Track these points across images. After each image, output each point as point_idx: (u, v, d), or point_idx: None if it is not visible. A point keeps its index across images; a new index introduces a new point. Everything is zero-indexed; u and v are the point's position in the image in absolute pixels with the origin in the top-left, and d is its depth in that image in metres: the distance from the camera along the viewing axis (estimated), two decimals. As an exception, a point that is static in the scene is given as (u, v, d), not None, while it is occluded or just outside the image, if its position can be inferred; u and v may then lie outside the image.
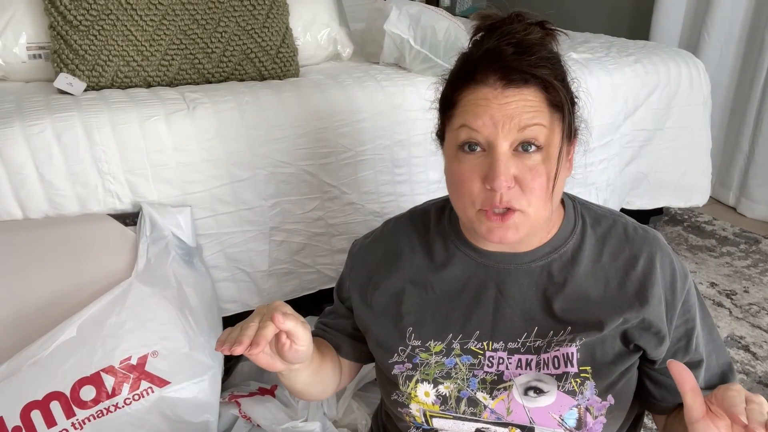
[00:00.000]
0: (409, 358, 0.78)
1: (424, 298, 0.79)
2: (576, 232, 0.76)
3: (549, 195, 0.69)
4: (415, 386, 0.77)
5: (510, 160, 0.67)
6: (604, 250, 0.75)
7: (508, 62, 0.67)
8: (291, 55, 1.45)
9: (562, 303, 0.74)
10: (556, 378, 0.71)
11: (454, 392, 0.75)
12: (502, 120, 0.67)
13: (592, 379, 0.71)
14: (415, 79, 1.42)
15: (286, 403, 1.22)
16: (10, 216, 1.09)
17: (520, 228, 0.69)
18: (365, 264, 0.85)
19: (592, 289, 0.73)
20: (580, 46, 1.85)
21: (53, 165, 1.09)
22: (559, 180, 0.69)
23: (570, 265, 0.75)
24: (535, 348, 0.74)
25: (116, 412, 0.99)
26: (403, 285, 0.81)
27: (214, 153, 1.20)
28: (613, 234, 0.76)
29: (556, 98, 0.68)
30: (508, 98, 0.67)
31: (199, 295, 1.10)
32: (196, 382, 1.06)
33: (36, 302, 1.03)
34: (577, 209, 0.78)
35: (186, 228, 1.16)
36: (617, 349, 0.72)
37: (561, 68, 0.71)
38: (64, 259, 1.06)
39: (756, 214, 2.37)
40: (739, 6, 2.32)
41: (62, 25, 1.27)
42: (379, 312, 0.82)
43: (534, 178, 0.67)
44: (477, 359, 0.76)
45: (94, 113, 1.13)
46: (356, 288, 0.85)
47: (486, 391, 0.74)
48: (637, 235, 0.75)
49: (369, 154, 1.34)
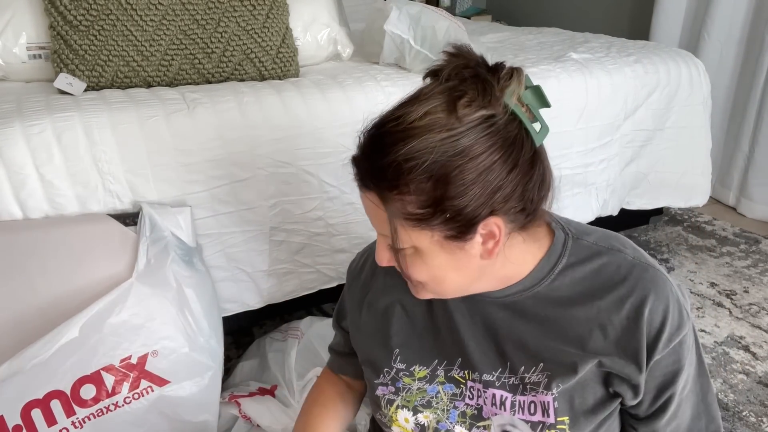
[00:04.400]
0: (393, 381, 0.77)
1: (412, 319, 0.78)
2: (555, 271, 0.70)
3: (445, 276, 0.66)
4: (396, 411, 0.76)
5: (386, 251, 0.68)
6: (589, 291, 0.69)
7: (358, 162, 0.64)
8: (291, 55, 1.45)
9: (534, 340, 0.70)
10: (531, 426, 0.69)
11: (433, 423, 0.74)
12: (368, 216, 0.67)
13: (568, 430, 0.68)
14: (415, 79, 1.42)
15: (285, 403, 1.22)
16: (10, 216, 1.09)
17: (425, 292, 0.71)
18: (359, 281, 0.85)
19: (568, 329, 0.68)
20: (580, 46, 1.85)
21: (53, 165, 1.09)
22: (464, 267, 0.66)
23: (545, 304, 0.70)
24: (510, 386, 0.71)
25: (116, 410, 0.99)
26: (392, 304, 0.79)
27: (214, 153, 1.20)
28: (603, 273, 0.69)
29: (408, 207, 0.61)
30: (363, 199, 0.66)
31: (199, 295, 1.10)
32: (195, 382, 1.06)
33: (36, 302, 1.03)
34: (567, 245, 0.71)
35: (186, 228, 1.16)
36: (598, 395, 0.69)
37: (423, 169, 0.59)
38: (64, 259, 1.06)
39: (756, 214, 2.37)
40: (739, 6, 2.32)
41: (62, 25, 1.27)
42: (370, 330, 0.81)
43: (409, 267, 0.66)
44: (459, 389, 0.74)
45: (94, 113, 1.13)
46: (353, 305, 0.85)
47: (465, 425, 0.73)
48: (632, 274, 0.67)
49: (369, 154, 1.34)
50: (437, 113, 0.59)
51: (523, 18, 3.51)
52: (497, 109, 0.60)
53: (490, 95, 0.59)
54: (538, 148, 0.63)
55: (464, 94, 0.59)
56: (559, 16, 3.29)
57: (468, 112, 0.59)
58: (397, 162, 0.59)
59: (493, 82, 0.60)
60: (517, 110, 0.60)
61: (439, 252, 0.64)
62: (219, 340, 1.14)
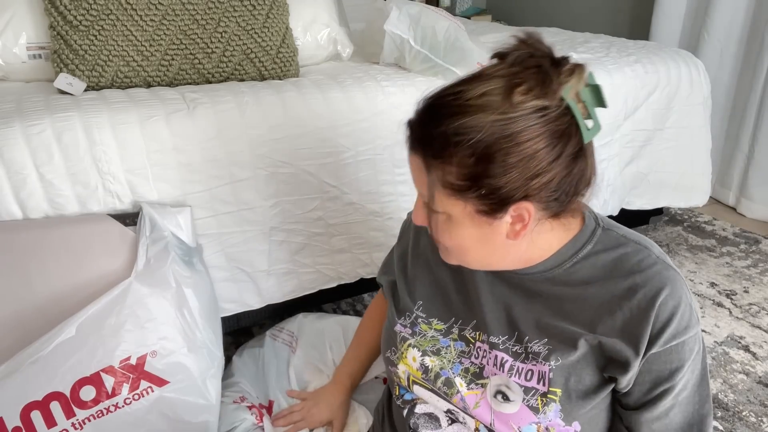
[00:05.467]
0: (412, 324, 0.85)
1: (437, 278, 0.85)
2: (579, 256, 0.73)
3: (468, 247, 0.71)
4: (407, 349, 0.83)
5: (422, 207, 0.73)
6: (605, 275, 0.71)
7: (414, 125, 0.68)
8: (291, 55, 1.45)
9: (544, 318, 0.74)
10: (524, 391, 0.73)
11: (436, 368, 0.80)
12: (411, 175, 0.72)
13: (558, 402, 0.71)
14: (415, 79, 1.42)
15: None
16: (10, 216, 1.09)
17: (446, 256, 0.76)
18: (407, 234, 0.94)
19: (578, 308, 0.71)
20: (580, 46, 1.85)
21: (53, 165, 1.09)
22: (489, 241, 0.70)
23: (561, 285, 0.73)
24: (513, 352, 0.76)
25: (116, 412, 0.99)
26: (424, 262, 0.87)
27: (215, 153, 1.20)
28: (624, 261, 0.71)
29: (449, 177, 0.65)
30: (410, 158, 0.71)
31: (198, 296, 1.10)
32: (195, 382, 1.06)
33: (36, 302, 1.03)
34: (595, 234, 0.74)
35: (186, 228, 1.16)
36: (594, 379, 0.71)
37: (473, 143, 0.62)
38: (64, 259, 1.06)
39: (756, 214, 2.37)
40: (739, 6, 2.32)
41: (62, 25, 1.27)
42: (406, 276, 0.89)
43: (436, 231, 0.72)
44: (468, 348, 0.80)
45: (94, 113, 1.13)
46: (398, 255, 0.94)
47: (465, 380, 0.78)
48: (651, 268, 0.69)
49: (369, 154, 1.34)
50: (493, 95, 0.62)
51: (523, 18, 3.51)
52: (552, 101, 0.62)
53: (548, 88, 0.62)
54: (585, 145, 0.66)
55: (523, 82, 0.62)
56: (559, 16, 3.28)
57: (523, 100, 0.61)
58: (447, 134, 0.63)
59: (553, 76, 0.62)
60: (572, 105, 0.63)
61: (469, 223, 0.68)
62: (218, 340, 1.14)
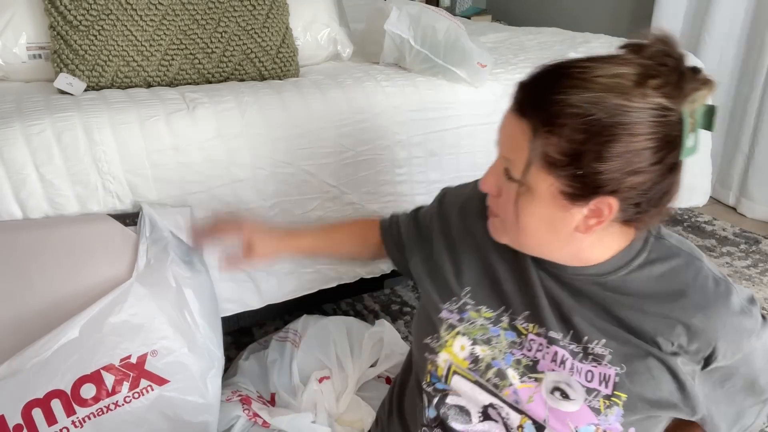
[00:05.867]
0: (460, 310, 0.81)
1: (487, 264, 0.82)
2: (634, 264, 0.73)
3: (530, 226, 0.70)
4: (455, 337, 0.79)
5: (496, 176, 0.71)
6: (665, 290, 0.71)
7: (531, 87, 0.66)
8: (291, 55, 1.45)
9: (598, 321, 0.73)
10: (586, 391, 0.71)
11: (488, 358, 0.76)
12: (499, 140, 0.71)
13: (621, 407, 0.69)
14: (415, 79, 1.42)
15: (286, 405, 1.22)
16: (10, 216, 1.09)
17: (498, 232, 0.75)
18: (450, 211, 0.90)
19: (636, 320, 0.71)
20: (580, 46, 1.85)
21: (53, 165, 1.09)
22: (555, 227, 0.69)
23: (614, 292, 0.73)
24: (571, 351, 0.73)
25: (116, 410, 0.99)
26: (475, 242, 0.84)
27: (214, 153, 1.20)
28: (681, 275, 0.72)
29: (548, 147, 0.63)
30: (507, 122, 0.69)
31: (198, 296, 1.10)
32: (195, 382, 1.06)
33: (35, 302, 1.03)
34: (648, 242, 0.74)
35: (186, 228, 1.16)
36: (663, 393, 0.70)
37: (598, 125, 0.61)
38: (64, 259, 1.06)
39: (756, 214, 2.37)
40: (739, 6, 2.32)
41: (62, 25, 1.27)
42: (453, 257, 0.85)
43: (504, 201, 0.70)
44: (520, 339, 0.77)
45: (94, 113, 1.13)
46: (441, 231, 0.89)
47: (518, 372, 0.75)
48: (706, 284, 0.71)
49: (369, 154, 1.34)
50: (625, 80, 0.61)
51: (523, 18, 3.51)
52: (676, 105, 0.62)
53: (679, 91, 0.61)
54: (678, 161, 0.65)
55: (658, 76, 0.61)
56: (559, 16, 3.29)
57: (653, 94, 0.61)
58: (565, 104, 0.61)
59: (688, 81, 0.62)
60: (685, 117, 0.62)
61: (547, 203, 0.66)
62: (218, 340, 1.14)
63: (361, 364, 1.33)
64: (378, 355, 1.37)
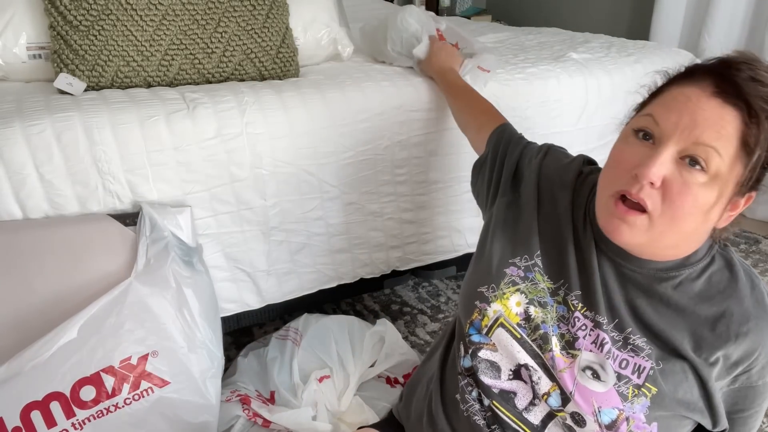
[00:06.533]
0: (526, 269, 0.81)
1: (560, 236, 0.82)
2: (699, 265, 0.74)
3: (687, 220, 0.66)
4: (514, 292, 0.79)
5: (670, 163, 0.66)
6: (720, 298, 0.73)
7: (732, 75, 0.65)
8: (291, 55, 1.45)
9: (646, 314, 0.74)
10: (618, 377, 0.72)
11: (539, 319, 0.77)
12: (686, 124, 0.65)
13: (649, 399, 0.70)
14: (414, 79, 1.42)
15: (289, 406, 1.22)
16: (10, 216, 1.09)
17: (636, 232, 0.68)
18: (552, 169, 0.89)
19: (684, 323, 0.72)
20: (580, 46, 1.85)
21: (53, 165, 1.09)
22: (703, 223, 0.68)
23: (674, 290, 0.74)
24: (612, 338, 0.74)
25: (116, 412, 0.99)
26: (556, 214, 0.84)
27: (214, 153, 1.20)
28: (737, 285, 0.73)
29: (751, 137, 0.63)
30: (706, 106, 0.64)
31: (198, 296, 1.10)
32: (195, 383, 1.06)
33: (36, 302, 1.03)
34: (713, 248, 0.75)
35: (186, 228, 1.16)
36: (691, 393, 0.71)
37: None
38: (63, 259, 1.06)
39: (756, 214, 2.37)
40: (739, 6, 2.32)
41: (62, 25, 1.27)
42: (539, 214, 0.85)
43: (681, 193, 0.65)
44: (568, 314, 0.77)
45: (94, 113, 1.13)
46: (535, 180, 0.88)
47: (561, 343, 0.76)
48: (765, 303, 0.73)
49: (369, 154, 1.34)
50: None
51: (523, 18, 3.51)
52: None
53: None
54: None
55: None
56: (559, 16, 3.28)
57: None
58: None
59: None
60: None
61: (719, 194, 0.66)
62: (218, 340, 1.14)
63: (363, 363, 1.33)
64: (378, 354, 1.38)
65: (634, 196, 0.67)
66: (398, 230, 1.46)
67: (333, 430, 1.19)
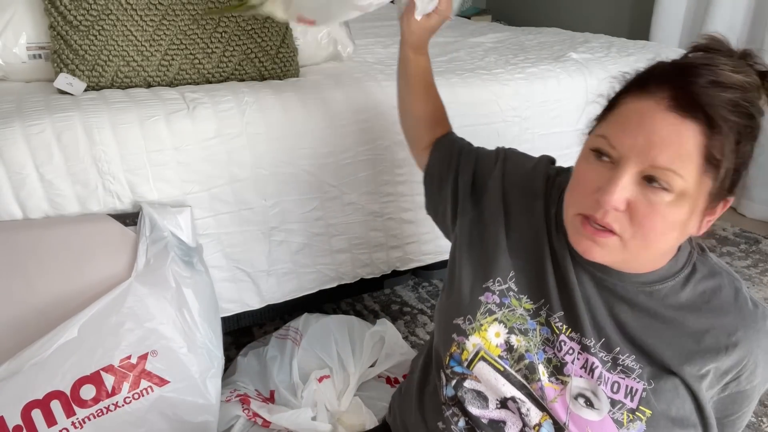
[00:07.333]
0: (501, 294, 0.76)
1: (535, 253, 0.77)
2: (681, 275, 0.72)
3: (661, 239, 0.64)
4: (492, 323, 0.74)
5: (631, 185, 0.62)
6: (707, 307, 0.71)
7: (689, 83, 0.60)
8: (291, 55, 1.45)
9: (635, 331, 0.72)
10: (611, 402, 0.70)
11: (522, 349, 0.73)
12: (642, 146, 0.61)
13: (645, 423, 0.69)
14: (415, 79, 1.42)
15: (289, 405, 1.22)
16: (10, 216, 1.09)
17: (610, 253, 0.66)
18: (516, 176, 0.84)
19: (672, 336, 0.70)
20: (580, 46, 1.85)
21: (53, 165, 1.09)
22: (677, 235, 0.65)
23: (659, 302, 0.71)
24: (601, 359, 0.72)
25: (116, 411, 0.99)
26: (531, 227, 0.78)
27: (214, 153, 1.20)
28: (722, 294, 0.71)
29: (715, 149, 0.59)
30: (662, 123, 0.60)
31: (198, 296, 1.10)
32: (195, 383, 1.06)
33: (35, 302, 1.03)
34: (693, 256, 0.73)
35: (186, 228, 1.16)
36: (688, 411, 0.70)
37: (748, 123, 0.61)
38: (64, 259, 1.06)
39: (756, 214, 2.37)
40: (739, 6, 2.32)
41: (62, 25, 1.27)
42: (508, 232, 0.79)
43: (648, 215, 0.62)
44: (553, 337, 0.74)
45: (94, 113, 1.13)
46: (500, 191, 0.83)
47: (547, 370, 0.73)
48: (750, 309, 0.71)
49: (369, 154, 1.34)
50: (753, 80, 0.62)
51: (523, 18, 3.51)
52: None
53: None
54: None
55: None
56: (559, 16, 3.28)
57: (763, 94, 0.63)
58: (731, 103, 0.59)
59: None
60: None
61: (692, 208, 0.63)
62: (218, 340, 1.14)
63: (363, 363, 1.33)
64: (378, 354, 1.38)
65: (600, 221, 0.64)
66: (398, 230, 1.46)
67: (332, 430, 1.19)
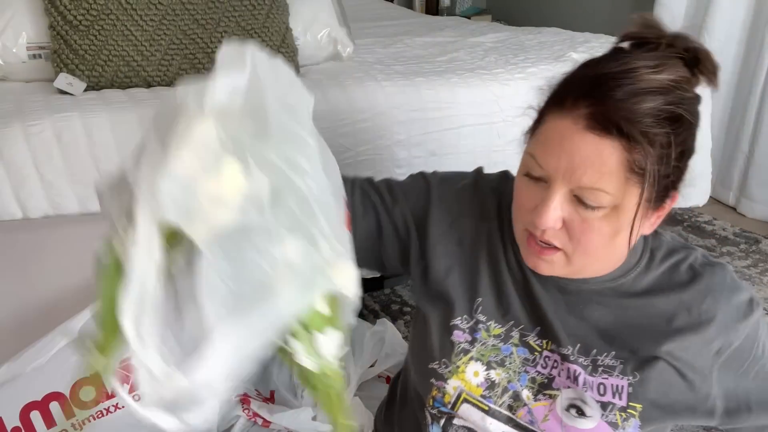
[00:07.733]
0: (471, 330, 0.74)
1: (497, 274, 0.75)
2: (642, 263, 0.71)
3: (603, 250, 0.64)
4: (468, 362, 0.72)
5: (564, 204, 0.62)
6: (669, 285, 0.71)
7: (605, 98, 0.59)
8: (291, 55, 1.45)
9: (608, 327, 0.71)
10: (601, 406, 0.69)
11: (504, 381, 0.72)
12: (565, 167, 0.60)
13: (638, 418, 0.68)
14: (415, 78, 1.42)
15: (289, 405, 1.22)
16: (10, 216, 1.09)
17: (558, 267, 0.66)
18: (455, 203, 0.78)
19: (646, 319, 0.70)
20: (580, 46, 1.85)
21: (53, 165, 1.09)
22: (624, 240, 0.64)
23: (627, 295, 0.71)
24: (581, 364, 0.71)
25: (116, 412, 0.99)
26: (487, 249, 0.76)
27: (214, 153, 1.19)
28: (681, 268, 0.71)
29: (638, 162, 0.59)
30: (582, 144, 0.59)
31: (198, 296, 1.10)
32: (196, 383, 1.05)
33: (36, 302, 1.03)
34: (647, 242, 0.72)
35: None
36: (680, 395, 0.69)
37: (675, 126, 0.60)
38: (64, 259, 1.06)
39: (756, 214, 2.37)
40: (739, 6, 2.32)
41: (62, 25, 1.27)
42: (455, 260, 0.76)
43: (584, 231, 0.62)
44: (533, 355, 0.73)
45: (94, 113, 1.13)
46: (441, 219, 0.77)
47: (532, 391, 0.72)
48: (705, 274, 0.70)
49: (369, 154, 1.34)
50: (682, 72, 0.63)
51: (523, 18, 3.51)
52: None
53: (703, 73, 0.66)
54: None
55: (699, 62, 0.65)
56: (559, 16, 3.28)
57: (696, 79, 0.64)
58: (654, 111, 0.58)
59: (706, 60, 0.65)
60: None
61: (630, 216, 0.62)
62: (219, 340, 1.14)
63: (363, 363, 1.33)
64: (378, 354, 1.37)
65: (540, 239, 0.64)
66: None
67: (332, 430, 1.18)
